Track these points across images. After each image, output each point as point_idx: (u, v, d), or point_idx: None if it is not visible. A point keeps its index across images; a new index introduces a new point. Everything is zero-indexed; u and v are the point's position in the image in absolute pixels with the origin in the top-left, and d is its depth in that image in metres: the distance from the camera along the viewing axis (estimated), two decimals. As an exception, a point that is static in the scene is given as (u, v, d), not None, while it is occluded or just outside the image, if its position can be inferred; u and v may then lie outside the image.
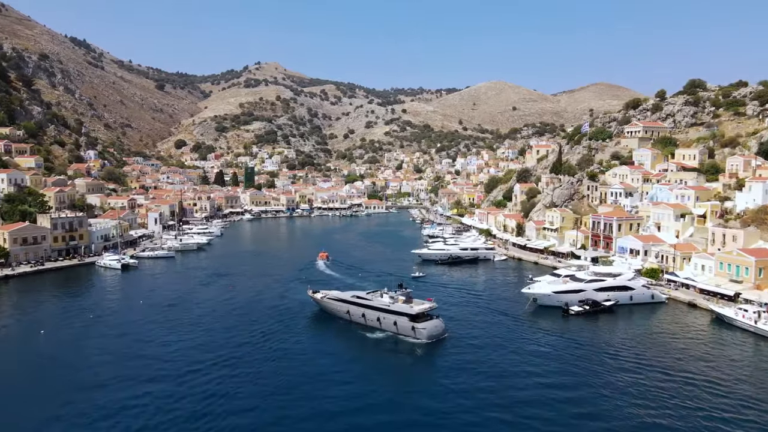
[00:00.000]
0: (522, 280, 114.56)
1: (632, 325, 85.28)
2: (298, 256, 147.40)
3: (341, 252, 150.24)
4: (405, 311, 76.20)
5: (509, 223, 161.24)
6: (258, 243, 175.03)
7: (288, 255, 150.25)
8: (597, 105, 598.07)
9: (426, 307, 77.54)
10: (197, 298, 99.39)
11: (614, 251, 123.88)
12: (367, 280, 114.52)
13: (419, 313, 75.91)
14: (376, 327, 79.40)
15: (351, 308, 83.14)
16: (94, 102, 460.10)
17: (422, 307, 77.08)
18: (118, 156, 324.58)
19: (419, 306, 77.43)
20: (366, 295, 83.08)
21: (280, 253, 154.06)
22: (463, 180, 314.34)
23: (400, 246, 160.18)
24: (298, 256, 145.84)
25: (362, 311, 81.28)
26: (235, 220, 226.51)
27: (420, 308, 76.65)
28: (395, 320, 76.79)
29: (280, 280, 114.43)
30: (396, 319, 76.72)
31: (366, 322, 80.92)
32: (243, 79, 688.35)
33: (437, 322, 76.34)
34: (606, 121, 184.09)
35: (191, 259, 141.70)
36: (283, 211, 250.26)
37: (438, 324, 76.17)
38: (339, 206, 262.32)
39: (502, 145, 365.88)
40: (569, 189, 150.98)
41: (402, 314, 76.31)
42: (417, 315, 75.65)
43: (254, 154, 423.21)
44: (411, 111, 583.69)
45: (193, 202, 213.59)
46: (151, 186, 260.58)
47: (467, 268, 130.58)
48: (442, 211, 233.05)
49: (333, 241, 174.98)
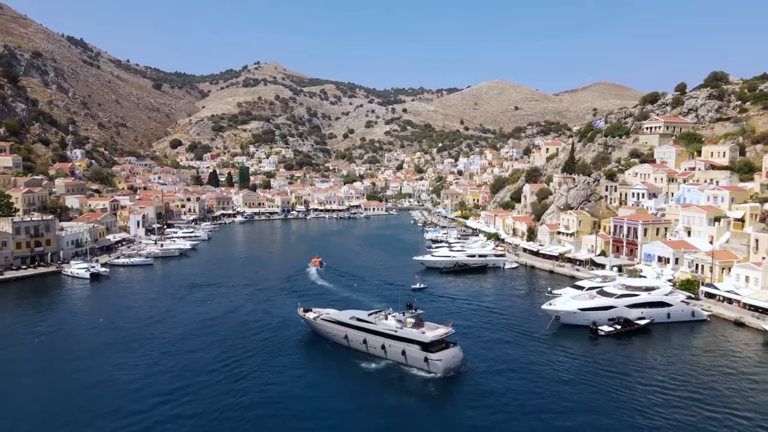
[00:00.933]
0: (538, 292, 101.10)
1: (672, 349, 72.28)
2: (288, 262, 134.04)
3: (336, 258, 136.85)
4: (416, 338, 62.44)
5: (519, 226, 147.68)
6: (247, 247, 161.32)
7: (278, 261, 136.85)
8: (600, 104, 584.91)
9: (442, 332, 63.26)
10: (168, 314, 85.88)
11: (639, 259, 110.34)
12: (364, 291, 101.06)
13: (434, 340, 61.95)
14: (380, 356, 65.71)
15: (350, 332, 69.31)
16: (89, 101, 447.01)
17: (437, 333, 62.88)
18: (109, 155, 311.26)
19: (433, 331, 63.33)
20: (368, 316, 68.99)
21: (269, 259, 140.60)
22: (466, 180, 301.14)
23: (401, 252, 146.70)
24: (289, 263, 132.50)
25: (363, 336, 67.56)
26: (226, 222, 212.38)
27: (434, 334, 62.53)
28: (404, 348, 63.08)
29: (265, 291, 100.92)
30: (405, 348, 63.02)
31: (368, 349, 67.18)
32: (242, 78, 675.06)
33: (455, 352, 62.38)
34: (621, 117, 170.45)
35: (172, 266, 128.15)
36: (278, 212, 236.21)
37: (456, 354, 62.21)
38: (337, 208, 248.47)
39: (506, 145, 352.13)
40: (585, 189, 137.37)
41: (412, 342, 62.57)
42: (431, 343, 61.72)
43: (251, 154, 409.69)
44: (412, 110, 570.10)
45: (182, 204, 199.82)
46: (141, 187, 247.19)
47: (475, 277, 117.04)
48: (445, 213, 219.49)
49: (328, 245, 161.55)
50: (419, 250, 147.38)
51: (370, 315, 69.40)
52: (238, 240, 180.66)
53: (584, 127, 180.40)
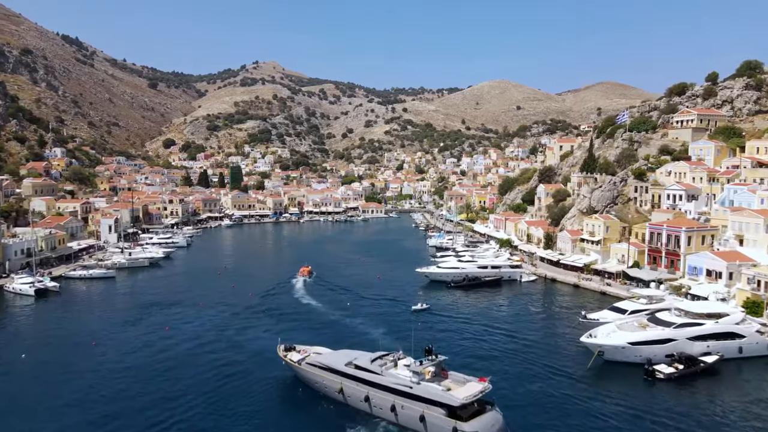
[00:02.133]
0: (567, 313, 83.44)
1: (749, 394, 55.21)
2: (273, 272, 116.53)
3: (328, 268, 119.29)
4: (441, 399, 43.89)
5: (534, 232, 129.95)
6: (230, 255, 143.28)
7: (262, 271, 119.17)
8: (604, 104, 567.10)
9: (475, 391, 44.42)
10: (111, 346, 68.28)
11: (683, 272, 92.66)
12: (358, 312, 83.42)
13: (466, 403, 43.16)
14: (389, 420, 47.27)
15: (347, 385, 50.28)
16: (80, 99, 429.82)
17: (469, 392, 44.11)
18: (94, 155, 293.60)
19: (463, 388, 44.67)
20: (371, 363, 49.89)
21: (252, 268, 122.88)
22: (470, 181, 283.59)
23: (402, 261, 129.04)
24: (274, 273, 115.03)
25: (365, 391, 48.64)
26: (212, 226, 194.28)
27: (466, 394, 43.75)
28: (423, 413, 44.48)
29: (239, 314, 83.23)
30: (424, 412, 44.42)
31: (371, 409, 48.53)
32: (239, 78, 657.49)
33: (494, 417, 43.90)
34: (645, 111, 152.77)
35: (137, 279, 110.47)
36: (269, 215, 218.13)
37: (495, 421, 43.70)
38: (333, 210, 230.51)
39: (510, 144, 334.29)
40: (611, 191, 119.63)
41: (435, 404, 44.06)
42: (462, 407, 43.06)
43: (246, 153, 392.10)
44: (412, 110, 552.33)
45: (163, 206, 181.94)
46: (125, 187, 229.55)
47: (488, 292, 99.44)
48: (449, 216, 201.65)
49: (321, 252, 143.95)
50: (422, 258, 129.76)
51: (374, 361, 50.00)
52: (222, 246, 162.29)
53: (602, 123, 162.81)
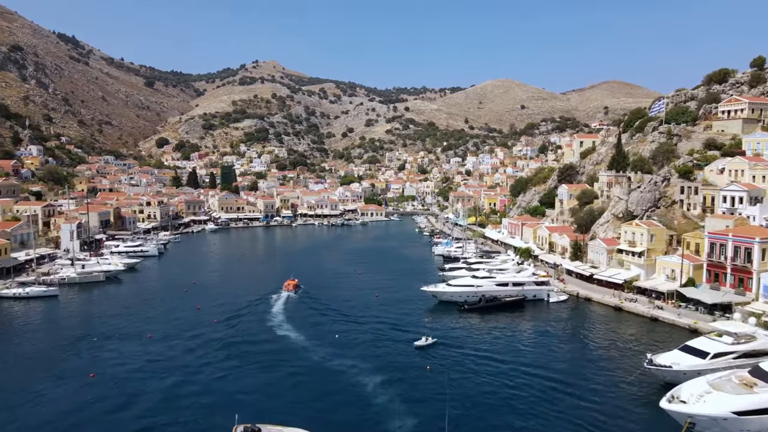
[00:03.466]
0: (617, 347, 63.52)
1: None
2: (253, 286, 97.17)
3: (318, 282, 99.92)
4: None
5: (558, 239, 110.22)
6: (205, 266, 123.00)
7: (238, 286, 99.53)
8: (611, 103, 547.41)
9: None
10: (7, 407, 48.84)
11: (756, 293, 73.03)
12: (347, 349, 63.90)
13: None
14: None
15: None
16: (71, 97, 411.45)
17: None
18: (77, 154, 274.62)
19: None
20: None
21: (229, 282, 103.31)
22: (476, 181, 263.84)
23: (404, 272, 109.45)
24: (254, 287, 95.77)
25: None
26: (194, 231, 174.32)
27: None
28: None
29: (194, 348, 63.75)
30: None
31: None
32: (238, 77, 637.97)
33: None
34: (681, 101, 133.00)
35: (86, 298, 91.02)
36: (259, 219, 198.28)
37: None
38: (329, 213, 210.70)
39: (518, 142, 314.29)
40: (652, 192, 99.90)
41: None
42: None
43: (242, 153, 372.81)
44: (414, 109, 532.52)
45: (139, 209, 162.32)
46: (105, 188, 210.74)
47: (510, 316, 79.90)
48: (456, 220, 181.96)
49: (312, 262, 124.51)
50: (427, 270, 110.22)
51: None
52: (200, 254, 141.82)
53: (630, 115, 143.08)
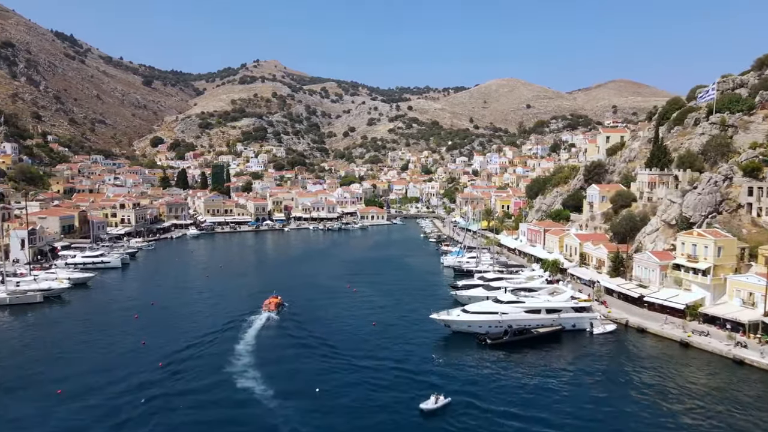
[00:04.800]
0: (696, 400, 44.23)
1: None
2: (226, 305, 78.68)
3: (305, 302, 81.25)
4: None
5: (592, 250, 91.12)
6: (173, 281, 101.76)
7: (209, 304, 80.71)
8: (619, 101, 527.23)
9: None
10: None
11: None
12: (329, 417, 45.05)
13: None
14: None
15: None
16: (63, 95, 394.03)
17: None
18: (63, 152, 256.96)
19: None
20: None
21: (197, 301, 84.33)
22: (484, 182, 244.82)
23: (408, 290, 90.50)
24: (226, 307, 77.42)
25: None
26: (173, 236, 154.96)
27: None
28: None
29: (111, 413, 45.00)
30: None
31: None
32: (239, 76, 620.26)
33: None
34: (728, 88, 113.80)
35: (10, 326, 72.30)
36: (248, 222, 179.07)
37: None
38: (326, 216, 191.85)
39: (528, 141, 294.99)
40: (713, 194, 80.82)
41: None
42: None
43: (238, 152, 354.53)
44: (417, 108, 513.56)
45: (112, 212, 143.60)
46: (85, 189, 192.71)
47: (545, 354, 61.01)
48: (465, 224, 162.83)
49: (301, 274, 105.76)
50: (436, 287, 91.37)
51: None
52: (172, 266, 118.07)
53: (667, 104, 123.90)
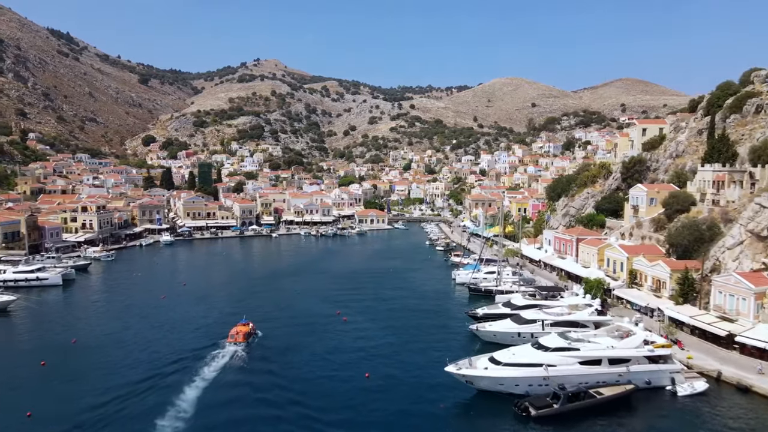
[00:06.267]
0: None
1: None
2: (181, 336, 58.87)
3: (279, 334, 61.17)
4: None
5: (648, 269, 70.56)
6: (123, 303, 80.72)
7: (155, 339, 60.48)
8: (627, 100, 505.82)
9: None
10: None
11: None
12: None
13: None
14: None
15: None
16: (53, 92, 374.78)
17: None
18: (42, 151, 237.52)
19: None
20: None
21: (141, 332, 63.95)
22: (492, 182, 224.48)
23: (412, 323, 70.01)
24: (181, 339, 57.84)
25: None
26: (142, 244, 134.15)
27: None
28: None
29: None
30: None
31: None
32: (238, 75, 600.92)
33: None
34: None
35: None
36: (232, 227, 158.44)
37: None
38: (321, 219, 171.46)
39: (538, 139, 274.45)
40: (819, 195, 60.46)
41: None
42: None
43: (233, 151, 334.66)
44: (420, 107, 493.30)
45: (71, 217, 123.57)
46: (57, 189, 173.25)
47: (612, 428, 40.60)
48: (475, 229, 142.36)
49: (281, 293, 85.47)
50: (448, 315, 71.04)
51: None
52: (128, 282, 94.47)
53: (718, 90, 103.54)
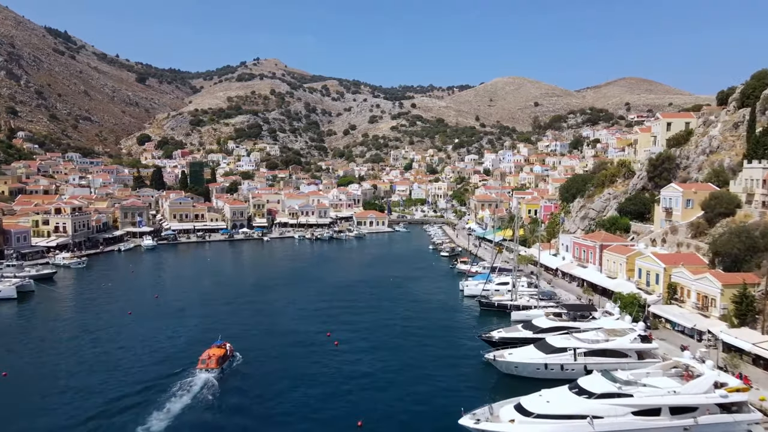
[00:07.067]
0: None
1: None
2: (141, 364, 47.86)
3: (260, 360, 50.22)
4: None
5: (693, 282, 59.45)
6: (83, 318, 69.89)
7: (110, 365, 49.52)
8: (632, 99, 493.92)
9: None
10: None
11: None
12: None
13: None
14: None
15: None
16: (46, 90, 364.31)
17: None
18: (31, 149, 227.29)
19: None
20: None
21: (96, 358, 53.04)
22: (497, 182, 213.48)
23: (416, 349, 58.93)
24: (141, 367, 46.77)
25: None
26: (121, 249, 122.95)
27: None
28: None
29: None
30: None
31: None
32: (237, 74, 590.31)
33: None
34: None
35: None
36: (222, 230, 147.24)
37: None
38: (317, 221, 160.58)
39: (544, 137, 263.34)
40: None
41: None
42: None
43: (230, 150, 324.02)
44: (421, 106, 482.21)
45: (43, 220, 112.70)
46: (38, 190, 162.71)
47: None
48: (482, 232, 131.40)
49: (263, 310, 74.53)
50: (460, 338, 60.09)
51: None
52: (95, 293, 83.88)
53: (753, 80, 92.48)
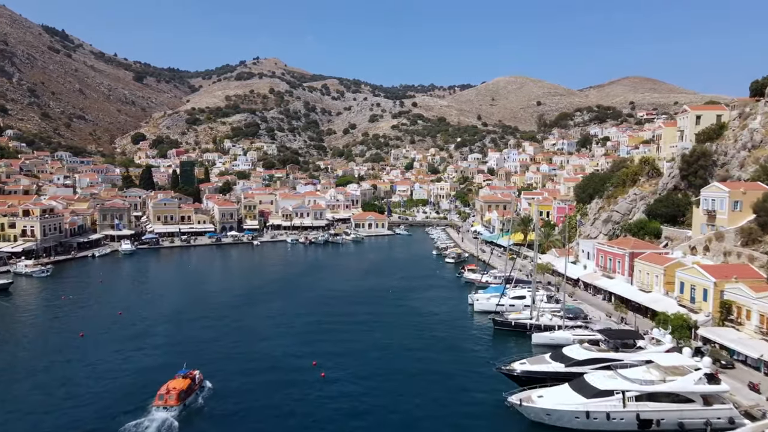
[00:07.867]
0: None
1: None
2: (90, 395, 37.33)
3: (232, 392, 39.51)
4: None
5: (753, 300, 48.94)
6: (26, 343, 58.43)
7: (47, 398, 39.14)
8: (636, 98, 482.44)
9: None
10: None
11: None
12: None
13: None
14: None
15: None
16: (39, 88, 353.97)
17: None
18: (17, 148, 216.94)
19: None
20: None
21: (35, 390, 42.74)
22: (502, 182, 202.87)
23: (421, 383, 48.49)
24: (89, 399, 36.25)
25: None
26: (95, 254, 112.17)
27: None
28: None
29: None
30: None
31: None
32: (236, 73, 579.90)
33: None
34: None
35: None
36: (209, 233, 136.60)
37: None
38: (313, 223, 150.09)
39: (550, 135, 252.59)
40: None
41: None
42: None
43: (226, 149, 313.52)
44: (423, 105, 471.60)
45: (10, 223, 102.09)
46: (19, 190, 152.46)
47: None
48: (489, 236, 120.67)
49: (242, 329, 63.98)
50: (473, 370, 49.54)
51: None
52: (49, 310, 72.30)
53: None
